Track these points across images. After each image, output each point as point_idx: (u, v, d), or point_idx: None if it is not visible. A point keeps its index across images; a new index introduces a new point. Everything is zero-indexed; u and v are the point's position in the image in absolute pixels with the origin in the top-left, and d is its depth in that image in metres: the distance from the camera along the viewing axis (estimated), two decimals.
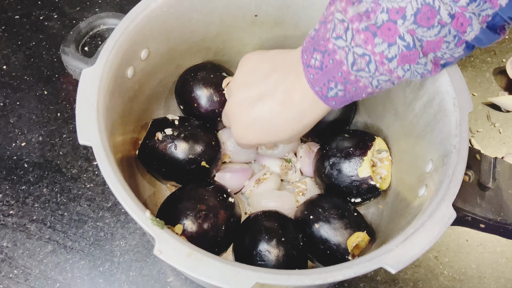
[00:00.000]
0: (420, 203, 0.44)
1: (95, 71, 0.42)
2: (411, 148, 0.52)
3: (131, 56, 0.47)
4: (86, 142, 0.38)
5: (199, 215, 0.49)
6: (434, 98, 0.47)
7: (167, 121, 0.55)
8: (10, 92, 0.69)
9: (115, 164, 0.39)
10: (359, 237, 0.51)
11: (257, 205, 0.57)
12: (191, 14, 0.52)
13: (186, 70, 0.60)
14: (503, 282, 0.58)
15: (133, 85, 0.51)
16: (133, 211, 0.36)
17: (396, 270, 0.35)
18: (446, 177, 0.41)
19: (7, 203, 0.61)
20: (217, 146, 0.57)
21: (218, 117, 0.59)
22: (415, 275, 0.58)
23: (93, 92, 0.41)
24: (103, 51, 0.43)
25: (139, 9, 0.46)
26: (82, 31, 0.48)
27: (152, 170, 0.56)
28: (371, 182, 0.54)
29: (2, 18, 0.76)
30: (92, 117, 0.40)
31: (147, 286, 0.56)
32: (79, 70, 0.46)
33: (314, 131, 0.60)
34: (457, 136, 0.43)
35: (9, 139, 0.65)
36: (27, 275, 0.56)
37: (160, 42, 0.52)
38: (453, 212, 0.38)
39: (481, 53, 0.76)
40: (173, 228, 0.48)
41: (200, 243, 0.47)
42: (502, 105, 0.72)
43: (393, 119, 0.57)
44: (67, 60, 0.46)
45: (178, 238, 0.36)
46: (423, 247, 0.36)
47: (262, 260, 0.48)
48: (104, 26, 0.50)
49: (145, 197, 0.56)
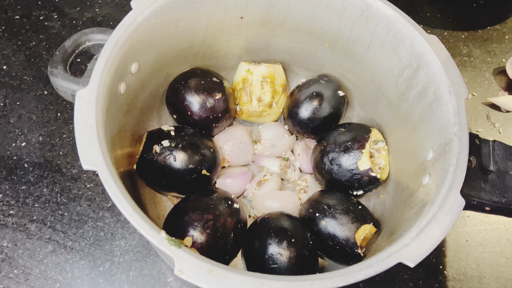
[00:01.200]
0: (426, 192, 0.44)
1: (90, 92, 0.41)
2: (408, 137, 0.53)
3: (122, 72, 0.46)
4: (90, 167, 0.37)
5: (207, 225, 0.49)
6: (428, 87, 0.48)
7: (163, 133, 0.54)
8: (10, 92, 0.69)
9: (121, 185, 0.38)
10: (366, 230, 0.52)
11: (260, 207, 0.57)
12: (178, 22, 0.51)
13: (175, 79, 0.59)
14: (503, 282, 0.59)
15: (126, 100, 0.50)
16: (148, 233, 0.36)
17: (415, 263, 0.36)
18: (450, 166, 0.41)
19: (7, 203, 0.60)
20: (216, 152, 0.56)
21: (212, 123, 0.59)
22: (415, 275, 0.58)
23: (91, 114, 0.40)
24: (96, 70, 0.42)
25: (126, 23, 0.45)
26: (68, 50, 0.47)
27: (152, 183, 0.55)
28: (372, 173, 0.54)
29: (2, 18, 0.75)
30: (94, 140, 0.39)
31: (147, 286, 0.56)
32: (70, 91, 0.45)
33: (310, 127, 0.61)
34: (457, 123, 0.43)
35: (9, 139, 0.65)
36: (27, 275, 0.56)
37: (149, 53, 0.51)
38: (462, 200, 0.39)
39: (481, 53, 0.77)
40: (183, 241, 0.47)
41: (211, 253, 0.47)
42: (502, 105, 0.72)
43: (387, 109, 0.57)
44: (56, 82, 0.45)
45: (196, 256, 0.35)
46: (438, 237, 0.37)
47: (275, 263, 0.48)
48: (89, 43, 0.49)
49: (148, 209, 0.56)
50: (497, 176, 0.44)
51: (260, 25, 0.58)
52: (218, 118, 0.59)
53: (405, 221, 0.46)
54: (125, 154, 0.52)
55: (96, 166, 0.38)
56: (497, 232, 0.61)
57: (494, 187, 0.43)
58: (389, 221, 0.54)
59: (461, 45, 0.76)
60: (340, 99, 0.60)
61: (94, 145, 0.38)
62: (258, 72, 0.62)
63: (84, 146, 0.38)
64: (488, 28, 0.79)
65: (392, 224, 0.51)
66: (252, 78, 0.62)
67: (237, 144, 0.60)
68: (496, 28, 0.79)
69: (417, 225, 0.39)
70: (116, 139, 0.47)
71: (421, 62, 0.48)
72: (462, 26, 0.80)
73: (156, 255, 0.58)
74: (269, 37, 0.61)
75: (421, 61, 0.48)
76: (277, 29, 0.59)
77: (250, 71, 0.62)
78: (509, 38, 0.79)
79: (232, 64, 0.65)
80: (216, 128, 0.60)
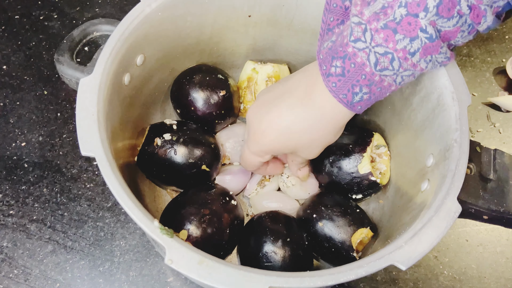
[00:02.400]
0: (424, 198, 0.44)
1: (93, 80, 0.41)
2: (410, 143, 0.53)
3: (127, 63, 0.47)
4: (89, 153, 0.38)
5: (203, 220, 0.49)
6: (432, 93, 0.47)
7: (165, 126, 0.55)
8: (10, 92, 0.69)
9: (119, 173, 0.39)
10: (363, 234, 0.51)
11: (259, 206, 0.57)
12: (185, 17, 0.52)
13: (181, 74, 0.59)
14: (503, 282, 0.58)
15: (129, 92, 0.50)
16: (141, 220, 0.36)
17: (407, 266, 0.36)
18: (449, 171, 0.41)
19: (7, 203, 0.61)
20: (217, 148, 0.56)
21: (215, 119, 0.59)
22: (415, 275, 0.58)
23: (93, 101, 0.40)
24: (100, 59, 0.42)
25: (133, 15, 0.46)
26: (75, 39, 0.48)
27: (152, 176, 0.56)
28: (372, 178, 0.54)
29: (2, 18, 0.76)
30: (94, 127, 0.39)
31: (147, 286, 0.56)
32: (75, 79, 0.46)
33: None
34: (458, 130, 0.43)
35: (9, 139, 0.65)
36: (27, 275, 0.56)
37: (155, 46, 0.51)
38: (459, 206, 0.39)
39: (481, 53, 0.77)
40: (178, 234, 0.47)
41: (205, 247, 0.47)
42: (502, 105, 0.72)
43: (390, 114, 0.57)
44: (62, 69, 0.45)
45: (188, 246, 0.36)
46: (432, 242, 0.37)
47: (269, 261, 0.48)
48: (97, 33, 0.50)
49: (146, 202, 0.56)
50: (496, 185, 0.43)
51: (268, 25, 0.59)
52: (221, 115, 0.59)
53: (401, 225, 0.46)
54: (127, 145, 0.52)
55: (94, 153, 0.38)
56: (497, 232, 0.61)
57: (493, 195, 0.43)
58: (386, 226, 0.54)
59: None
60: None
61: (94, 132, 0.39)
62: (263, 72, 0.62)
63: (84, 132, 0.39)
64: None
65: (389, 229, 0.51)
66: (258, 77, 0.62)
67: (239, 142, 0.61)
68: (496, 28, 0.78)
69: (411, 229, 0.39)
70: (117, 130, 0.47)
71: None
72: None
73: (156, 255, 0.58)
74: (276, 37, 0.61)
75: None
76: (284, 29, 0.59)
77: (256, 70, 0.62)
78: (509, 38, 0.78)
79: (238, 62, 0.65)
80: (219, 125, 0.60)
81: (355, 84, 0.38)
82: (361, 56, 0.36)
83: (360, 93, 0.39)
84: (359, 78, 0.38)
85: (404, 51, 0.35)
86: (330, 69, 0.39)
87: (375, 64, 0.36)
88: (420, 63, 0.36)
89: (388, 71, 0.37)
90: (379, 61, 0.36)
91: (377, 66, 0.36)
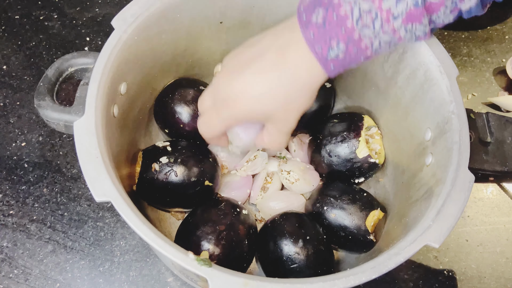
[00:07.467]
0: (432, 172, 0.45)
1: (87, 122, 0.39)
2: (401, 119, 0.54)
3: (114, 94, 0.45)
4: (103, 198, 0.36)
5: (221, 237, 0.48)
6: (417, 69, 0.49)
7: (159, 149, 0.53)
8: (10, 92, 0.68)
9: (138, 212, 0.37)
10: (375, 216, 0.53)
11: (266, 209, 0.57)
12: (160, 35, 0.50)
13: (162, 92, 0.58)
14: (503, 282, 0.59)
15: (118, 123, 0.48)
16: (176, 256, 0.35)
17: (439, 243, 0.37)
18: (454, 144, 0.43)
19: (7, 203, 0.60)
20: (215, 161, 0.55)
21: None
22: (415, 275, 0.59)
23: (93, 143, 0.38)
24: (89, 98, 0.40)
25: (112, 43, 0.44)
26: (52, 79, 0.45)
27: (155, 202, 0.54)
28: (371, 159, 0.55)
29: (2, 18, 0.74)
30: (101, 170, 0.37)
31: (147, 286, 0.56)
32: (63, 122, 0.43)
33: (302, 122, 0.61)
34: (452, 101, 0.45)
35: (9, 139, 0.64)
36: (27, 275, 0.56)
37: (136, 71, 0.49)
38: (472, 175, 0.40)
39: (481, 53, 0.77)
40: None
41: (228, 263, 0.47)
42: (502, 105, 0.72)
43: (375, 95, 0.58)
44: (47, 114, 0.43)
45: (228, 271, 0.35)
46: (456, 215, 0.38)
47: (294, 263, 0.49)
48: (72, 68, 0.47)
49: None
50: (496, 146, 0.45)
51: (239, 28, 0.58)
52: None
53: (415, 202, 0.47)
54: (125, 176, 0.50)
55: (109, 197, 0.36)
56: (497, 232, 0.62)
57: (495, 157, 0.45)
58: (394, 204, 0.55)
59: (461, 45, 0.77)
60: (328, 91, 0.61)
61: (103, 175, 0.37)
62: None
63: (92, 178, 0.37)
64: (488, 28, 0.80)
65: (399, 206, 0.53)
66: None
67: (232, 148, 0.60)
68: (496, 28, 0.79)
69: (432, 206, 0.40)
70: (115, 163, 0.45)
71: (406, 46, 0.49)
72: (462, 26, 0.80)
73: (156, 255, 0.57)
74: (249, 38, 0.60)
75: (406, 45, 0.49)
76: (257, 29, 0.58)
77: None
78: (509, 38, 0.79)
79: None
80: None
81: (333, 37, 0.37)
82: (345, 8, 0.36)
83: (336, 49, 0.38)
84: (338, 32, 0.37)
85: (388, 12, 0.35)
86: (311, 17, 0.38)
87: (357, 20, 0.36)
88: (400, 30, 0.36)
89: (368, 30, 0.36)
90: (361, 17, 0.36)
91: (359, 21, 0.36)
